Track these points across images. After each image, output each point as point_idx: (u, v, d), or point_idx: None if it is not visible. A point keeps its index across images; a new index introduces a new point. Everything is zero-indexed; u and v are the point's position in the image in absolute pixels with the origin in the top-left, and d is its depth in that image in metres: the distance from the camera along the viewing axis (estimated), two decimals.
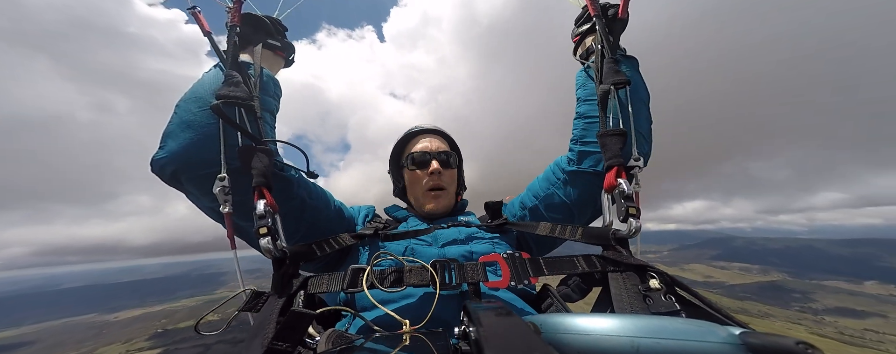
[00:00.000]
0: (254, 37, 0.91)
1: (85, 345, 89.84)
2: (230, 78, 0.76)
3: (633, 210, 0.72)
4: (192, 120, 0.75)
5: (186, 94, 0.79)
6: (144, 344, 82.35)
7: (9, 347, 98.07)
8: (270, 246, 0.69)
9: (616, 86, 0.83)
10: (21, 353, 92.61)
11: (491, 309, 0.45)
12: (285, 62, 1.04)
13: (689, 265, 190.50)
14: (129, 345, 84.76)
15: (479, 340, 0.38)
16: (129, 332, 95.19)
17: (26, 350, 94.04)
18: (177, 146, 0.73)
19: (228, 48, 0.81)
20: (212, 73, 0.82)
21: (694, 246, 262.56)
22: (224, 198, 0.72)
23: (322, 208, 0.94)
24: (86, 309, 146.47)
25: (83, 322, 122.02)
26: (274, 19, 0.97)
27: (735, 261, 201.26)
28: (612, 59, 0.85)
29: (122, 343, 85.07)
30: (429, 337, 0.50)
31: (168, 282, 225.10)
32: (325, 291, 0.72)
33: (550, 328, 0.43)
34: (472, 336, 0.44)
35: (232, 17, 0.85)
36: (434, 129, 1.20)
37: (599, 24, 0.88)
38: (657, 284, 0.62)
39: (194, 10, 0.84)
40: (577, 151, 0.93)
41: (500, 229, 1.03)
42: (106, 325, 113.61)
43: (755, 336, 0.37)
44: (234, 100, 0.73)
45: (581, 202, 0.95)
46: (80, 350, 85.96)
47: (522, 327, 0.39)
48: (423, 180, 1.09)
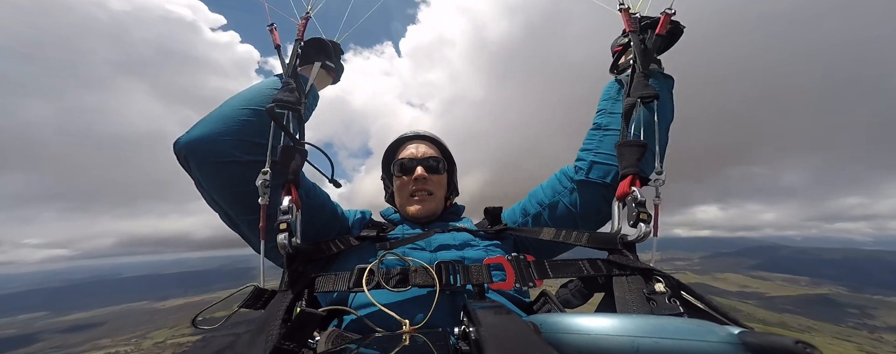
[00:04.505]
0: (316, 56, 1.02)
1: (140, 329, 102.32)
2: (288, 85, 0.85)
3: (644, 215, 0.71)
4: (230, 115, 0.80)
5: (238, 94, 0.87)
6: (187, 331, 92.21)
7: (86, 326, 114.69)
8: (286, 242, 0.70)
9: (643, 100, 0.82)
10: (95, 332, 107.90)
11: (491, 309, 0.45)
12: (333, 80, 1.14)
13: (722, 274, 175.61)
14: (173, 331, 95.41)
15: (479, 340, 0.38)
16: (175, 319, 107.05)
17: (98, 330, 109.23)
18: (201, 132, 0.78)
19: (291, 59, 0.91)
20: (269, 81, 0.91)
21: (729, 255, 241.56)
22: (264, 191, 0.75)
23: (319, 208, 0.95)
24: (140, 296, 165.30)
25: (138, 308, 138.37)
26: (334, 43, 1.07)
27: (779, 272, 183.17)
28: (642, 73, 0.85)
29: (169, 329, 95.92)
30: (429, 337, 0.50)
31: (206, 275, 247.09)
32: (331, 290, 0.73)
33: (550, 327, 0.44)
34: (472, 336, 0.43)
35: (299, 32, 1.00)
36: (423, 135, 1.20)
37: (634, 38, 0.90)
38: (662, 288, 0.61)
39: (272, 27, 1.00)
40: (589, 161, 0.92)
41: (499, 235, 1.03)
42: (156, 312, 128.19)
43: (754, 336, 0.37)
44: (286, 105, 0.81)
45: (586, 211, 0.94)
46: (135, 333, 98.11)
47: (522, 326, 0.39)
48: (408, 185, 1.11)
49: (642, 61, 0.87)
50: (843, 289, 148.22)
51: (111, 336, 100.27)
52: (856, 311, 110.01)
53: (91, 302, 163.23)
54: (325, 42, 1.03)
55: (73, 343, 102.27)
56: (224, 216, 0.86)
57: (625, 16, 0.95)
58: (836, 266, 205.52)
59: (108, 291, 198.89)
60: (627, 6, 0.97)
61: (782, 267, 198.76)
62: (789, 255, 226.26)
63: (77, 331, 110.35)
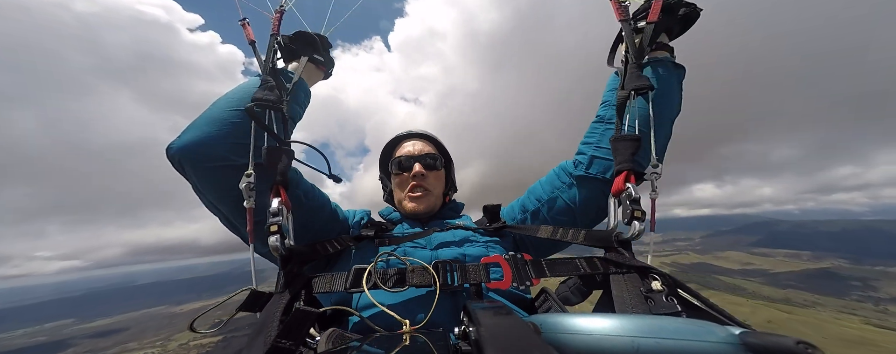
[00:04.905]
0: (302, 50, 1.00)
1: (162, 332, 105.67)
2: (266, 83, 0.82)
3: (638, 213, 0.71)
4: (219, 117, 0.78)
5: (225, 95, 0.84)
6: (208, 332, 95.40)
7: (111, 332, 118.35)
8: (278, 244, 0.70)
9: (637, 92, 0.80)
10: (122, 336, 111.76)
11: (491, 309, 0.45)
12: (324, 75, 1.12)
13: (723, 252, 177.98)
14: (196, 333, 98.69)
15: (479, 340, 0.38)
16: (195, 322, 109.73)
17: (123, 335, 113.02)
18: (192, 137, 0.76)
19: (267, 56, 0.88)
20: (251, 80, 0.88)
21: (729, 232, 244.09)
22: (249, 194, 0.74)
23: (317, 209, 0.94)
24: (157, 302, 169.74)
25: (157, 313, 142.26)
26: (321, 36, 1.04)
27: (779, 248, 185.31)
28: (636, 64, 0.84)
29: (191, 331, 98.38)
30: (429, 337, 0.50)
31: (217, 279, 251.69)
32: (328, 291, 0.73)
33: (550, 327, 0.43)
34: (472, 335, 0.43)
35: (274, 27, 0.95)
36: (420, 133, 1.20)
37: (626, 28, 0.88)
38: (659, 286, 0.61)
39: (244, 22, 0.94)
40: (589, 156, 0.91)
41: (498, 233, 1.03)
42: (174, 316, 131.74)
43: (755, 336, 0.37)
44: (265, 103, 0.78)
45: (585, 206, 0.93)
46: (159, 336, 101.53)
47: (523, 327, 0.39)
48: (407, 182, 1.11)
49: (634, 52, 0.85)
50: (845, 262, 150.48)
51: (138, 339, 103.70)
52: (859, 284, 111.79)
53: (112, 309, 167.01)
54: (312, 35, 1.01)
55: (103, 347, 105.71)
56: (224, 219, 0.85)
57: (614, 4, 0.92)
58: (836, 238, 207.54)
59: (126, 298, 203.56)
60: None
61: (783, 242, 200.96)
62: (789, 230, 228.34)
63: (105, 336, 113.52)
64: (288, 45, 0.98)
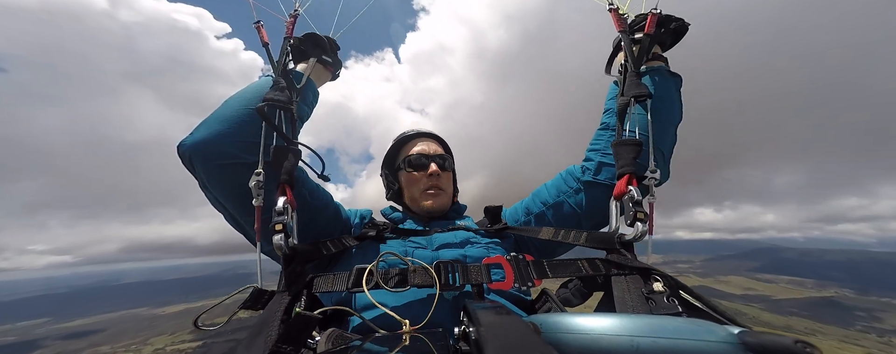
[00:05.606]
0: (311, 52, 1.03)
1: (140, 335, 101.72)
2: (277, 83, 0.85)
3: (641, 214, 0.72)
4: (230, 115, 0.81)
5: (236, 94, 0.87)
6: (187, 337, 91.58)
7: (86, 333, 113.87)
8: (282, 243, 0.71)
9: (636, 99, 0.83)
10: (95, 338, 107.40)
11: (491, 309, 0.45)
12: (332, 76, 1.15)
13: (725, 277, 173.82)
14: (173, 337, 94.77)
15: (479, 340, 0.38)
16: (175, 325, 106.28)
17: (98, 336, 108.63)
18: (203, 134, 0.78)
19: (280, 57, 0.92)
20: (263, 80, 0.92)
21: (732, 257, 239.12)
22: (258, 192, 0.76)
23: (321, 209, 0.95)
24: (141, 303, 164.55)
25: (138, 314, 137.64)
26: (330, 38, 1.08)
27: (783, 274, 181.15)
28: (635, 72, 0.87)
29: (169, 336, 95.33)
30: (429, 337, 0.50)
31: (206, 281, 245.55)
32: (330, 290, 0.73)
33: (550, 327, 0.43)
34: (472, 336, 0.43)
35: (288, 30, 1.00)
36: (429, 133, 1.21)
37: (625, 38, 0.92)
38: (661, 287, 0.61)
39: (258, 25, 0.98)
40: (597, 162, 0.93)
41: (499, 234, 1.03)
42: (156, 318, 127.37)
43: (753, 335, 0.37)
44: (276, 103, 0.81)
45: (591, 212, 0.94)
46: (135, 339, 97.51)
47: (522, 326, 0.39)
48: (422, 181, 1.11)
49: (633, 61, 0.88)
50: (850, 292, 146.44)
51: (111, 342, 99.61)
52: (863, 314, 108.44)
53: (92, 308, 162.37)
54: (321, 37, 1.03)
55: (73, 349, 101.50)
56: (229, 217, 0.87)
57: (614, 16, 0.98)
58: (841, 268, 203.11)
59: (110, 297, 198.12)
60: (616, 6, 0.99)
61: (786, 269, 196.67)
62: (793, 257, 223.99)
63: (77, 338, 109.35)
64: (297, 46, 1.01)
